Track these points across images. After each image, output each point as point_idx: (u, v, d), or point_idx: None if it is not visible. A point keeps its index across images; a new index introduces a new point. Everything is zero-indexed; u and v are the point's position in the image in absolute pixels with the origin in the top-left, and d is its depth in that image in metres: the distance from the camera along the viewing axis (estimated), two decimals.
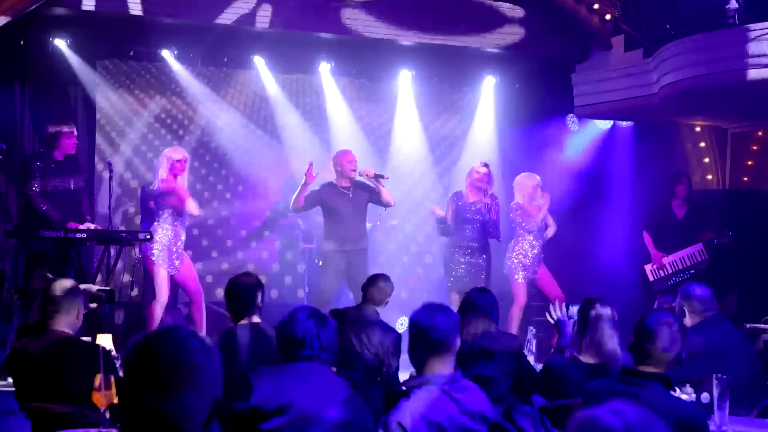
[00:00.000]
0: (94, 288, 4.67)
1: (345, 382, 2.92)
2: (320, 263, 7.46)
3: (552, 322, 4.65)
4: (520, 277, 7.66)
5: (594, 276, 8.31)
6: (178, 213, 6.90)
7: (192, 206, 6.97)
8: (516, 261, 7.69)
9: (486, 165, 7.50)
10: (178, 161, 6.87)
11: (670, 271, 7.71)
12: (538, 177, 7.75)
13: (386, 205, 7.33)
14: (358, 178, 7.19)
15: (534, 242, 7.68)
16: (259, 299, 4.35)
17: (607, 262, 8.50)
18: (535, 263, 7.70)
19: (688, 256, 7.69)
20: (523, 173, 7.82)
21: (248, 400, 2.76)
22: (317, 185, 7.28)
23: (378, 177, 7.13)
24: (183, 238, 6.97)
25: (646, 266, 7.89)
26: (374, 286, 5.10)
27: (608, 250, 8.55)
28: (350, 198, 7.15)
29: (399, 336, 4.87)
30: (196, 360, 1.71)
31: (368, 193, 7.22)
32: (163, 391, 1.67)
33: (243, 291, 4.35)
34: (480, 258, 7.44)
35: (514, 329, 7.30)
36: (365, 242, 7.26)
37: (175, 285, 7.08)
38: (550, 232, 7.77)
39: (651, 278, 7.83)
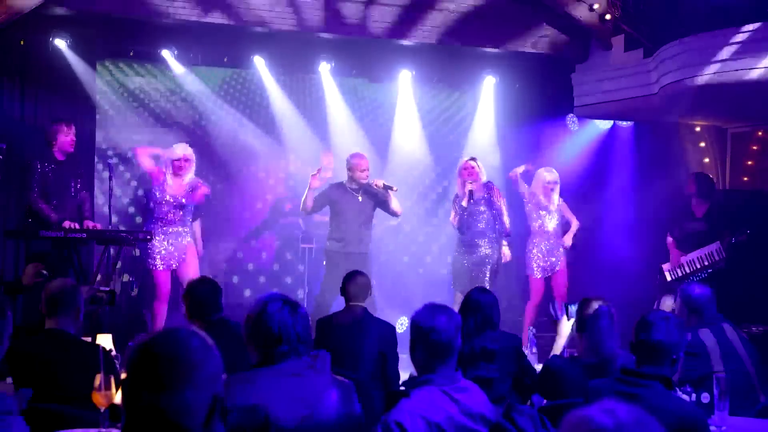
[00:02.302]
0: (96, 290, 4.68)
1: (328, 373, 2.78)
2: (324, 263, 7.48)
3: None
4: (534, 274, 7.72)
5: (594, 275, 8.30)
6: (179, 212, 6.94)
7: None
8: (531, 257, 7.74)
9: (471, 159, 7.50)
10: (176, 160, 6.93)
11: (688, 271, 7.67)
12: (554, 174, 7.77)
13: (394, 214, 7.38)
14: (366, 186, 7.21)
15: (549, 239, 7.70)
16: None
17: (607, 261, 8.50)
18: (552, 260, 7.71)
19: (705, 255, 7.64)
20: (544, 167, 7.87)
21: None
22: (326, 185, 7.38)
23: (387, 188, 7.16)
24: (187, 237, 7.02)
25: (663, 266, 7.86)
26: (351, 283, 5.10)
27: (608, 250, 8.55)
28: (358, 200, 7.18)
29: (393, 327, 5.01)
30: (194, 357, 1.76)
31: (376, 199, 7.24)
32: (162, 387, 1.71)
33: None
34: (484, 254, 7.41)
35: (528, 325, 7.34)
36: (367, 246, 7.25)
37: (175, 280, 7.12)
38: (573, 227, 7.80)
39: (669, 278, 7.79)
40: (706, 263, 7.62)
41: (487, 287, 7.21)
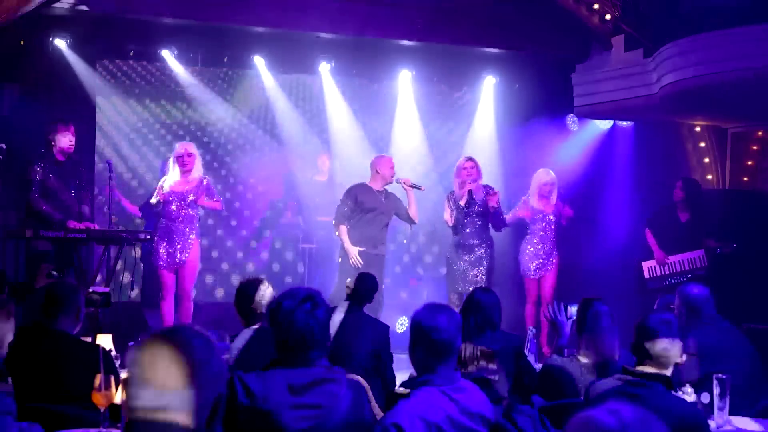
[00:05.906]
0: (89, 292, 4.67)
1: (343, 380, 2.79)
2: (339, 260, 7.44)
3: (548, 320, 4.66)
4: (529, 274, 7.72)
5: (593, 275, 8.30)
6: (186, 210, 6.88)
7: (206, 202, 6.96)
8: (526, 258, 7.73)
9: (470, 158, 7.48)
10: (179, 156, 6.88)
11: (668, 272, 7.69)
12: (551, 175, 7.76)
13: (411, 221, 7.32)
14: (395, 183, 7.17)
15: (542, 239, 7.70)
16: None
17: (606, 262, 8.50)
18: (546, 260, 7.71)
19: (688, 260, 7.66)
20: (541, 168, 7.85)
21: None
22: (349, 184, 7.29)
23: (415, 187, 7.11)
24: (192, 235, 6.94)
25: (644, 263, 7.86)
26: (360, 284, 5.09)
27: (608, 250, 8.55)
28: (382, 202, 7.14)
29: (387, 327, 5.00)
30: (197, 357, 1.74)
31: (396, 204, 7.19)
32: (165, 386, 1.69)
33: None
34: (480, 255, 7.41)
35: (529, 324, 7.35)
36: (383, 248, 7.20)
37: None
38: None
39: (647, 275, 7.80)
40: (687, 268, 7.63)
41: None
